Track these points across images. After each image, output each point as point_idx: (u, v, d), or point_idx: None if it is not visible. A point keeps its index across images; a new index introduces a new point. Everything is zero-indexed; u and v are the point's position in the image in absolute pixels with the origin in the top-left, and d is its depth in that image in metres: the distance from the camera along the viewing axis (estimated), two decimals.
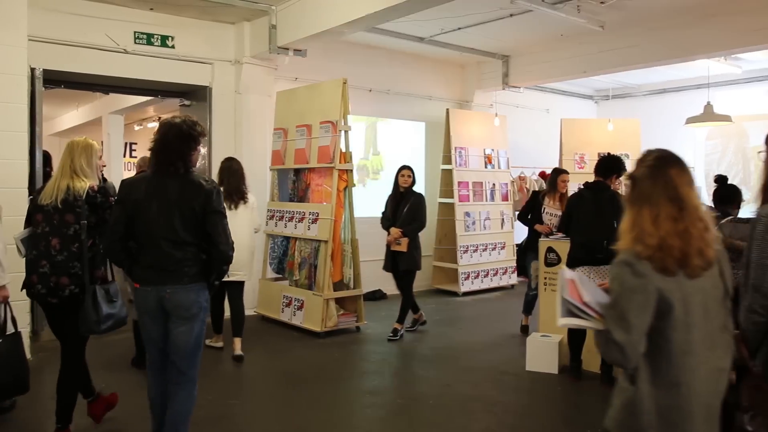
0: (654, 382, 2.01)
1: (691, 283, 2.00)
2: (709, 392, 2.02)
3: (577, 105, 12.64)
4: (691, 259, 1.99)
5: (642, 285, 1.96)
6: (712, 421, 2.02)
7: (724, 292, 2.09)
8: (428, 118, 10.17)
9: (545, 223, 6.60)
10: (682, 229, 1.99)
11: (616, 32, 8.29)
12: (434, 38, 8.91)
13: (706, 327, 2.02)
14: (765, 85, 10.72)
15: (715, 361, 2.04)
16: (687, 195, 2.02)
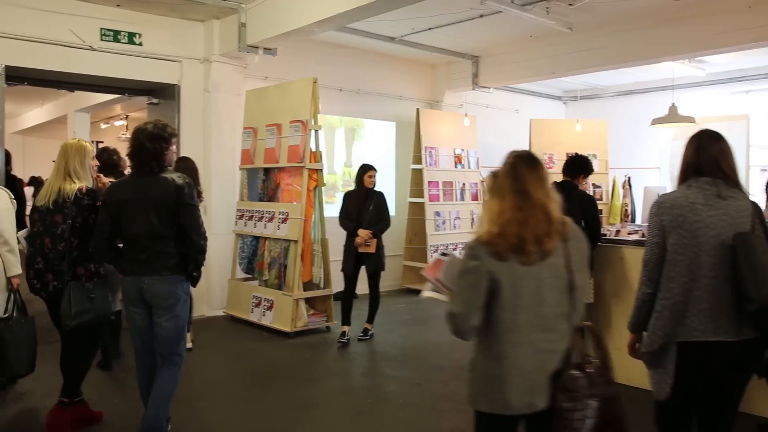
0: (485, 353, 2.31)
1: (523, 269, 2.21)
2: (533, 369, 2.23)
3: (546, 105, 12.77)
4: (526, 245, 2.20)
5: (476, 267, 2.22)
6: (533, 394, 2.23)
7: (567, 284, 2.26)
8: (398, 117, 10.18)
9: None
10: (522, 218, 2.21)
11: (584, 34, 8.39)
12: (405, 38, 8.93)
13: (537, 311, 2.23)
14: (728, 88, 10.95)
15: (545, 344, 2.25)
16: (533, 189, 2.25)
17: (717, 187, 2.66)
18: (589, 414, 2.22)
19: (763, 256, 2.55)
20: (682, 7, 7.38)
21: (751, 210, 2.68)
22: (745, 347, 2.59)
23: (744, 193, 2.73)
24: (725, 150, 2.74)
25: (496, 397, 2.26)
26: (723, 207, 2.64)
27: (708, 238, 2.61)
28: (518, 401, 2.24)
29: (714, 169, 2.69)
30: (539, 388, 2.24)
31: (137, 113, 12.57)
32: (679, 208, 2.67)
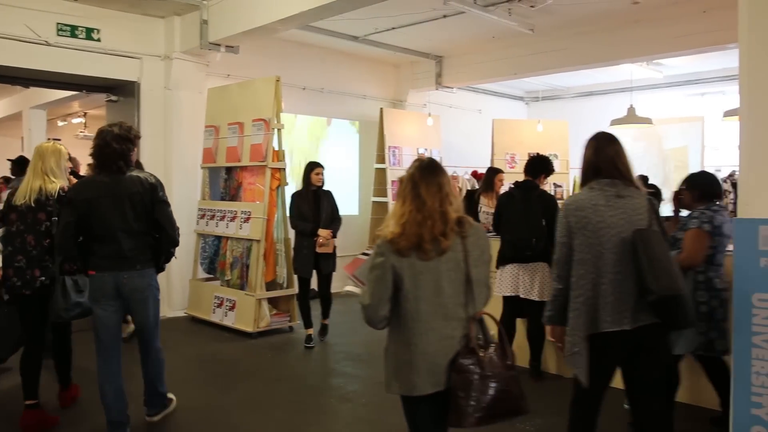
0: (395, 341, 2.56)
1: (423, 264, 2.45)
2: (435, 353, 2.46)
3: (508, 106, 12.91)
4: (424, 244, 2.44)
5: (381, 263, 2.47)
6: (437, 376, 2.46)
7: (465, 277, 2.49)
8: (362, 117, 10.18)
9: (482, 223, 6.67)
10: (420, 219, 2.45)
11: (545, 36, 8.51)
12: (368, 37, 8.93)
13: (437, 301, 2.46)
14: (684, 90, 11.22)
15: (446, 330, 2.47)
16: (430, 194, 2.48)
17: (616, 187, 2.88)
18: (483, 393, 2.44)
19: (659, 250, 2.75)
20: (640, 11, 7.54)
21: (647, 207, 2.88)
22: (643, 333, 2.81)
23: (640, 191, 2.93)
24: (620, 151, 2.96)
25: (406, 380, 2.50)
26: (622, 206, 2.85)
27: (610, 237, 2.83)
28: (424, 383, 2.47)
29: (612, 170, 2.91)
30: (442, 370, 2.47)
31: (96, 110, 12.33)
32: (583, 210, 2.88)
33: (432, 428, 2.57)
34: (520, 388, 2.54)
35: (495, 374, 2.46)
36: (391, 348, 2.60)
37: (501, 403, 2.46)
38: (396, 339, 2.56)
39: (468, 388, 2.42)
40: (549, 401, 4.77)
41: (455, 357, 2.45)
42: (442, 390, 2.47)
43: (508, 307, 5.27)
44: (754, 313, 2.68)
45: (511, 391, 2.49)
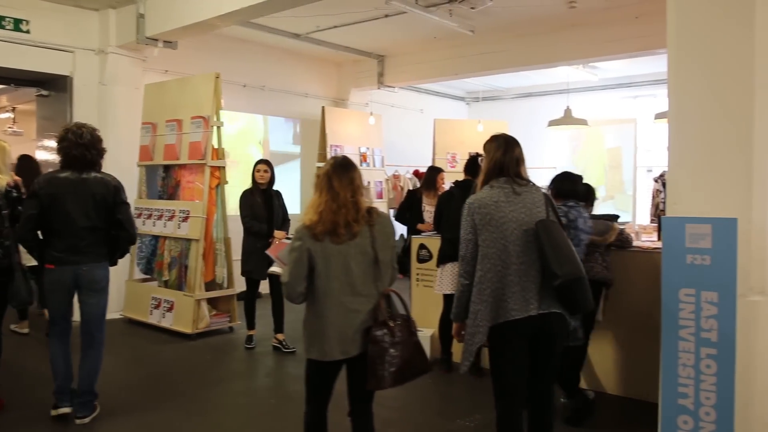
0: (311, 313, 2.96)
1: (334, 247, 2.86)
2: (344, 324, 2.88)
3: (449, 106, 13.05)
4: (339, 229, 2.84)
5: (299, 246, 2.87)
6: (345, 344, 2.88)
7: (372, 259, 2.91)
8: (304, 115, 10.12)
9: (426, 221, 6.70)
10: (335, 208, 2.85)
11: (485, 37, 8.64)
12: (310, 35, 8.88)
13: (345, 279, 2.88)
14: (618, 92, 11.58)
15: (353, 305, 2.89)
16: (343, 188, 2.89)
17: (511, 185, 3.11)
18: (393, 358, 2.86)
19: (560, 238, 2.96)
20: (576, 15, 7.74)
21: (544, 201, 3.11)
22: (546, 320, 3.00)
23: (536, 186, 3.16)
24: (521, 152, 3.21)
25: (319, 347, 2.91)
26: (520, 201, 3.07)
27: (512, 230, 3.03)
28: (334, 350, 2.88)
29: (515, 169, 3.14)
30: (350, 339, 2.88)
31: (26, 105, 11.84)
32: (486, 207, 3.07)
33: (325, 390, 3.06)
34: (423, 352, 2.99)
35: (402, 342, 2.88)
36: (307, 319, 2.99)
37: (409, 365, 2.91)
38: (311, 312, 2.96)
39: (383, 356, 2.83)
40: (488, 397, 4.85)
41: (369, 329, 2.86)
42: (351, 357, 2.89)
43: (448, 305, 5.32)
44: (681, 308, 2.78)
45: (416, 355, 2.94)
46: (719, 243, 2.65)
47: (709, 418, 2.73)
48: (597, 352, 4.73)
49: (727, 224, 2.63)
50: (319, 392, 3.07)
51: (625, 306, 4.58)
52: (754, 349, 2.63)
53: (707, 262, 2.69)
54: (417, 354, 2.95)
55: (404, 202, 7.27)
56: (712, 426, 2.72)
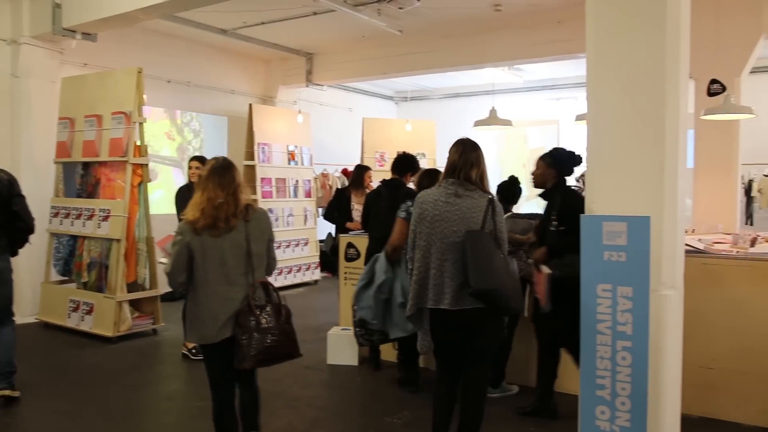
0: (190, 301, 3.28)
1: (212, 241, 3.14)
2: (219, 311, 3.17)
3: (378, 105, 13.11)
4: (218, 223, 3.13)
5: (180, 240, 3.15)
6: (220, 329, 3.17)
7: (246, 251, 3.19)
8: (230, 112, 9.95)
9: (355, 220, 6.68)
10: (216, 205, 3.13)
11: (413, 37, 8.73)
12: (237, 31, 8.74)
13: (221, 270, 3.16)
14: (542, 94, 11.93)
15: (228, 293, 3.18)
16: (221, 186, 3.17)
17: (456, 187, 3.31)
18: (257, 342, 3.14)
19: (483, 251, 3.15)
20: (502, 18, 7.92)
21: (484, 208, 3.26)
22: (468, 314, 3.22)
23: (483, 193, 3.31)
24: (480, 157, 3.38)
25: (198, 332, 3.24)
26: (458, 204, 3.27)
27: (442, 229, 3.26)
28: (210, 334, 3.19)
29: (467, 172, 3.32)
30: (224, 324, 3.17)
31: None
32: (426, 203, 3.35)
33: (221, 370, 3.29)
34: (292, 338, 3.28)
35: (271, 327, 3.17)
36: (187, 307, 3.32)
37: (276, 348, 3.19)
38: (191, 299, 3.26)
39: (249, 339, 3.12)
40: (415, 395, 4.91)
41: (238, 313, 3.15)
42: (227, 338, 3.17)
43: None
44: (599, 302, 2.89)
45: (284, 340, 3.22)
46: (634, 240, 2.77)
47: (624, 407, 2.84)
48: (522, 346, 4.85)
49: (640, 222, 2.75)
50: (214, 376, 3.34)
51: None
52: (664, 341, 2.76)
53: (623, 258, 2.81)
54: (285, 339, 3.23)
55: (333, 200, 7.24)
56: (626, 415, 2.84)
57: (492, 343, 3.41)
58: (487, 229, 3.24)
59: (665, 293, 2.79)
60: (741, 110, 6.12)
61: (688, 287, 3.03)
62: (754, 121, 6.75)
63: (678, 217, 2.84)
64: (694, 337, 4.05)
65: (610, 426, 2.89)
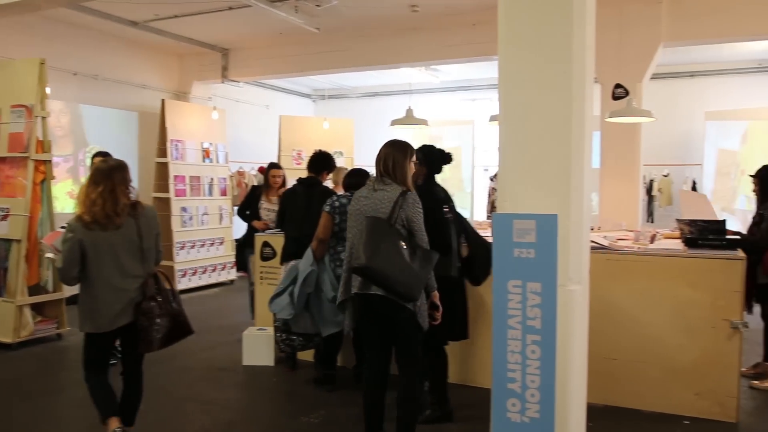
0: (85, 293, 3.49)
1: (103, 236, 3.38)
2: (113, 301, 3.44)
3: (296, 103, 13.00)
4: (103, 220, 3.37)
5: (71, 237, 3.37)
6: (115, 318, 3.45)
7: (138, 246, 3.48)
8: (142, 107, 9.61)
9: (263, 219, 6.63)
10: (101, 203, 3.36)
11: (331, 35, 8.70)
12: (149, 24, 8.45)
13: (114, 264, 3.42)
14: (457, 95, 12.16)
15: (122, 285, 3.45)
16: (112, 185, 3.40)
17: (376, 183, 3.59)
18: (159, 326, 3.49)
19: (372, 236, 3.38)
20: (418, 19, 8.01)
21: (395, 200, 3.48)
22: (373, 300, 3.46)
23: (398, 187, 3.53)
24: (397, 154, 3.62)
25: (93, 322, 3.46)
26: (373, 197, 3.55)
27: (360, 221, 3.53)
28: (105, 323, 3.45)
29: (385, 168, 3.60)
30: (118, 313, 3.44)
31: None
32: (354, 199, 3.68)
33: (104, 355, 3.63)
34: (185, 319, 3.67)
35: (167, 312, 3.54)
36: (82, 299, 3.50)
37: (174, 331, 3.59)
38: (85, 292, 3.47)
39: (152, 324, 3.46)
40: (332, 394, 4.90)
41: (140, 303, 3.45)
42: (122, 327, 3.45)
43: None
44: (509, 298, 2.97)
45: (180, 321, 3.62)
46: (542, 237, 2.86)
47: (533, 399, 2.93)
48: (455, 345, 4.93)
49: (548, 220, 2.85)
50: (96, 359, 3.61)
51: None
52: (571, 334, 2.87)
53: (532, 255, 2.89)
54: (181, 321, 3.63)
55: (245, 199, 7.07)
56: (536, 406, 2.93)
57: (411, 333, 3.54)
58: (394, 219, 3.45)
59: (572, 288, 2.89)
60: (642, 114, 6.44)
61: (593, 282, 3.16)
62: (654, 124, 7.13)
63: (584, 215, 2.96)
64: (599, 329, 4.23)
65: (520, 418, 2.98)
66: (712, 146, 9.61)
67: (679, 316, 4.42)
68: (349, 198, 4.68)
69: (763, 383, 5.02)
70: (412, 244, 3.48)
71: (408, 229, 3.49)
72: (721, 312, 4.30)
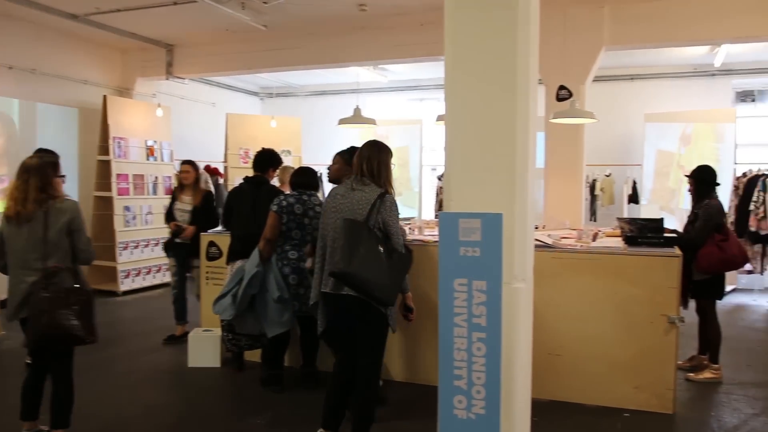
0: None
1: (15, 228, 3.55)
2: (16, 293, 3.58)
3: (243, 100, 12.84)
4: (17, 213, 3.52)
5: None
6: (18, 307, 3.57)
7: (42, 239, 3.53)
8: (82, 104, 9.33)
9: (177, 219, 6.26)
10: (16, 196, 3.54)
11: (278, 33, 8.63)
12: (90, 17, 8.20)
13: (19, 256, 3.57)
14: (406, 95, 12.22)
15: (22, 277, 3.55)
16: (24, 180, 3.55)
17: (354, 182, 3.63)
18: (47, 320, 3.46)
19: (350, 240, 3.40)
20: (367, 18, 8.01)
21: (372, 201, 3.52)
22: (345, 300, 3.51)
23: (376, 188, 3.58)
24: (374, 156, 3.67)
25: (9, 311, 3.63)
26: (350, 197, 3.59)
27: (335, 219, 3.60)
28: (11, 314, 3.63)
29: (364, 169, 3.64)
30: (17, 306, 3.57)
31: None
32: (330, 197, 3.72)
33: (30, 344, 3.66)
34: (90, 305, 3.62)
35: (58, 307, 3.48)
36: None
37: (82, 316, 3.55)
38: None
39: (38, 318, 3.47)
40: (281, 394, 4.86)
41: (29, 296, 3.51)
42: (25, 317, 3.55)
43: None
44: (455, 296, 3.00)
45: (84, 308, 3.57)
46: (487, 236, 2.90)
47: (479, 395, 2.97)
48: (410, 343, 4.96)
49: (493, 219, 2.89)
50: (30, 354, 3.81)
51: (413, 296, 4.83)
52: (516, 331, 2.92)
53: (477, 253, 2.93)
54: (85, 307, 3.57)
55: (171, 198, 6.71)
56: (482, 402, 2.97)
57: (376, 334, 3.62)
58: (372, 222, 3.48)
59: (517, 286, 2.94)
60: (585, 115, 6.60)
61: (537, 280, 3.22)
62: (597, 125, 7.32)
63: (528, 214, 3.01)
64: (544, 326, 4.32)
65: (466, 414, 3.01)
66: (652, 147, 9.92)
67: (619, 312, 4.55)
68: (296, 197, 4.68)
69: (697, 375, 5.21)
70: (388, 247, 3.52)
71: (384, 231, 3.53)
72: (659, 307, 4.45)
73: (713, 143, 9.34)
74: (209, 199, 6.43)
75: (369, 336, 3.61)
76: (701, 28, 7.11)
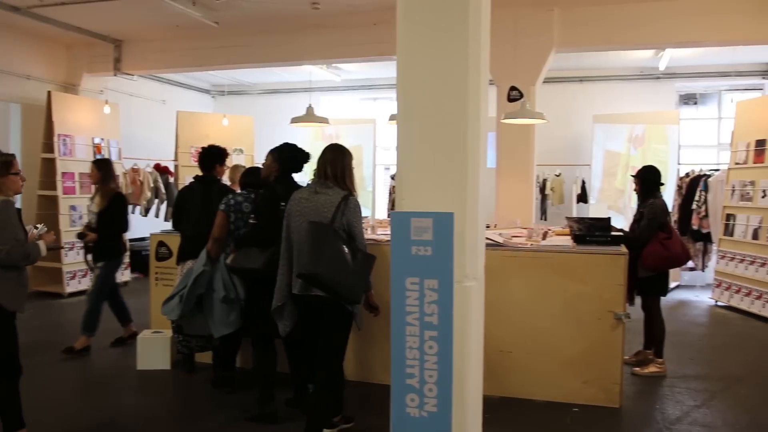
0: None
1: None
2: None
3: (194, 98, 12.64)
4: None
5: None
6: None
7: None
8: (25, 99, 9.03)
9: (90, 221, 6.05)
10: None
11: (230, 30, 8.52)
12: (33, 10, 7.94)
13: None
14: (359, 94, 12.22)
15: None
16: None
17: (317, 186, 3.71)
18: None
19: (317, 242, 3.48)
20: (319, 16, 7.97)
21: (336, 203, 3.61)
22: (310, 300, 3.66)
23: (339, 191, 3.67)
24: (337, 159, 3.76)
25: None
26: (314, 200, 3.68)
27: (300, 222, 3.67)
28: None
29: (327, 172, 3.72)
30: None
31: None
32: (294, 200, 3.77)
33: None
34: None
35: None
36: None
37: None
38: None
39: None
40: (232, 395, 4.81)
41: None
42: None
43: None
44: (407, 295, 3.01)
45: None
46: (439, 235, 2.92)
47: (431, 393, 2.99)
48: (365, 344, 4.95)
49: (445, 218, 2.91)
50: None
51: None
52: (468, 329, 2.94)
53: (429, 252, 2.95)
54: None
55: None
56: (434, 400, 2.99)
57: (343, 332, 3.78)
58: (337, 223, 3.57)
59: (468, 284, 2.97)
60: (535, 115, 6.71)
61: (489, 278, 3.26)
62: (547, 126, 7.45)
63: (480, 213, 3.04)
64: (495, 324, 4.37)
65: (419, 412, 3.03)
66: (600, 148, 10.16)
67: (569, 309, 4.64)
68: (245, 196, 4.63)
69: (643, 370, 5.36)
70: (352, 247, 3.60)
71: (348, 232, 3.62)
72: (606, 304, 4.56)
73: (661, 145, 9.62)
74: (117, 201, 6.01)
75: (334, 334, 3.74)
76: (647, 33, 7.31)
